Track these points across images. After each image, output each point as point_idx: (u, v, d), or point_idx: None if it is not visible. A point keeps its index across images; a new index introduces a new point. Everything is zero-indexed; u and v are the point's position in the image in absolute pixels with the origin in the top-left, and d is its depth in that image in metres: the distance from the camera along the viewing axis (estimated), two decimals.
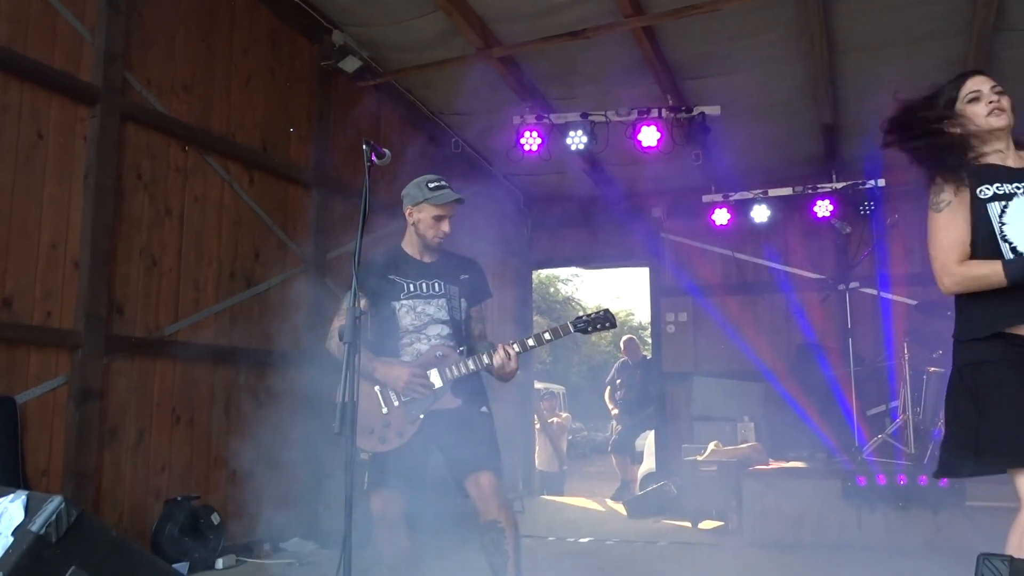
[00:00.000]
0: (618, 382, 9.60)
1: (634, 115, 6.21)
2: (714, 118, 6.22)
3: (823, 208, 7.27)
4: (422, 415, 3.12)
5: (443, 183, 3.27)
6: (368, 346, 3.10)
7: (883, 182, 7.07)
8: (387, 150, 2.75)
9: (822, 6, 5.46)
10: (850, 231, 7.59)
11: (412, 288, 3.24)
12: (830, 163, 7.47)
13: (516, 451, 8.90)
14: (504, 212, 8.70)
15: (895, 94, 2.62)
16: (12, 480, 3.84)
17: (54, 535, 2.06)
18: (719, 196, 7.65)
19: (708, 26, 5.76)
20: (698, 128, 6.17)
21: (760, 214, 7.47)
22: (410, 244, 3.34)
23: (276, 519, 4.85)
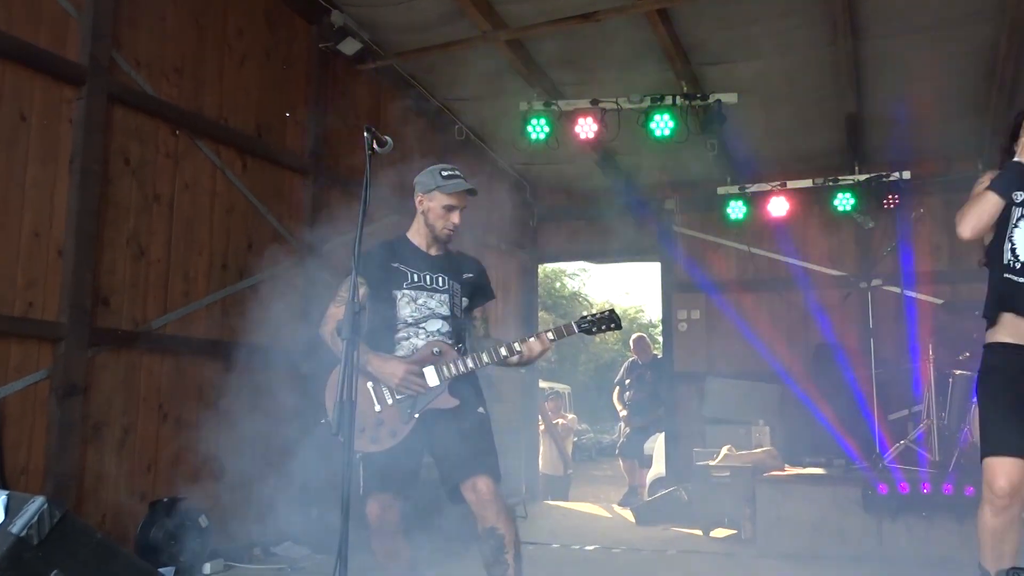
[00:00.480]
0: (627, 382, 9.58)
1: (647, 102, 6.21)
2: (731, 106, 6.22)
3: (844, 201, 7.25)
4: (417, 414, 3.12)
5: (456, 172, 3.29)
6: (362, 336, 3.10)
7: (908, 174, 7.06)
8: (389, 138, 2.75)
9: None
10: (873, 225, 7.57)
11: (416, 278, 3.23)
12: (853, 154, 7.45)
13: (519, 454, 8.90)
14: (509, 203, 8.67)
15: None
16: None
17: (36, 537, 2.05)
18: (735, 188, 7.64)
19: (726, 9, 5.74)
20: (714, 116, 6.18)
21: (778, 207, 7.46)
22: (417, 234, 3.34)
23: (267, 522, 4.84)
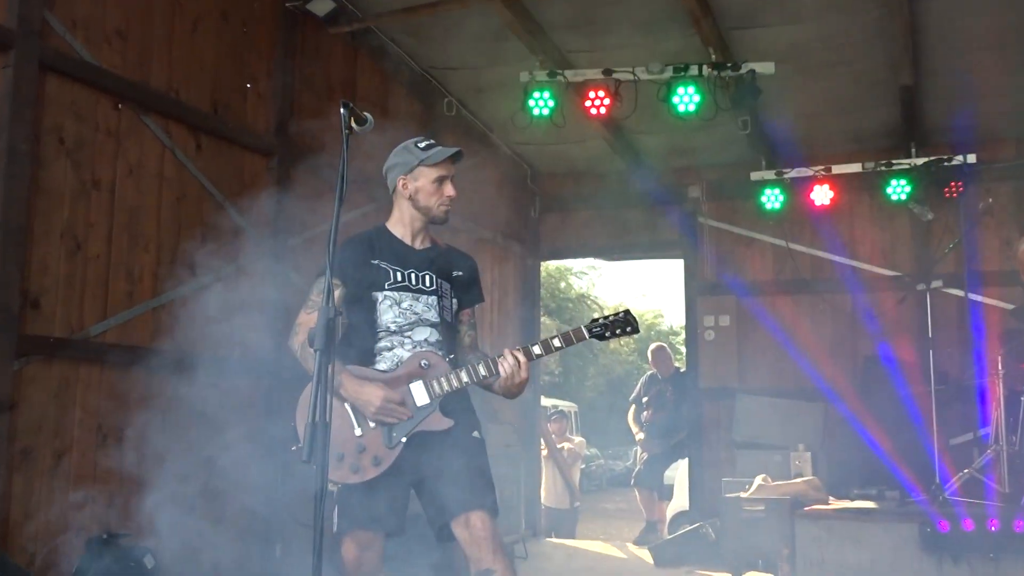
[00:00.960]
0: (644, 400, 9.59)
1: (669, 72, 6.20)
2: (766, 77, 6.20)
3: (899, 189, 7.24)
4: (404, 439, 3.10)
5: (432, 141, 3.34)
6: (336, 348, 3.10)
7: (974, 158, 7.05)
8: (369, 115, 2.75)
9: None
10: (932, 217, 7.56)
11: (400, 277, 3.22)
12: (909, 134, 7.45)
13: (518, 483, 8.87)
14: (507, 190, 8.68)
15: None
16: None
17: None
18: (771, 173, 7.64)
19: None
20: (747, 89, 6.17)
21: (821, 196, 7.45)
22: (399, 224, 3.33)
23: (223, 561, 4.83)
